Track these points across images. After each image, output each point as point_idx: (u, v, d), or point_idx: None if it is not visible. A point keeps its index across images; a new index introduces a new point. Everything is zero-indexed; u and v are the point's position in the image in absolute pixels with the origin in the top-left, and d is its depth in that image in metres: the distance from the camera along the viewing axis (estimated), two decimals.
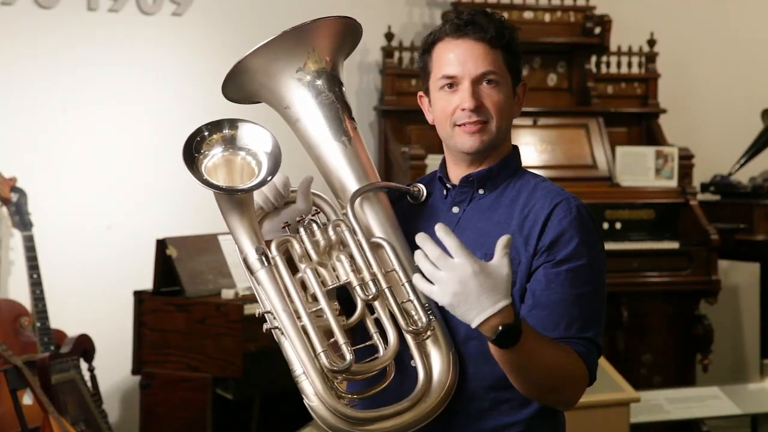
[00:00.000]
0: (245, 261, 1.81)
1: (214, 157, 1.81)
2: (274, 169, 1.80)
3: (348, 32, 1.94)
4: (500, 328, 1.66)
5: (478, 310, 1.65)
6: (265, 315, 1.78)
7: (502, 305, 1.66)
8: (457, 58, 1.89)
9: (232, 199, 1.79)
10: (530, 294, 1.84)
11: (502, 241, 1.68)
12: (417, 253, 1.69)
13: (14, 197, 4.11)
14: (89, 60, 4.71)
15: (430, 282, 1.67)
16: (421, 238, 1.69)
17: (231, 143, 1.83)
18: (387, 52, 5.13)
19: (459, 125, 1.89)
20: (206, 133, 1.82)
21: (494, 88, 1.89)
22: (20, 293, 4.27)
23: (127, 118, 4.78)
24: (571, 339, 1.81)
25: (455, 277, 1.65)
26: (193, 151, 1.80)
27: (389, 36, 5.12)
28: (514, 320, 1.67)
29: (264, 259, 1.78)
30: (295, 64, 1.88)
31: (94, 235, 4.70)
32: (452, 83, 1.89)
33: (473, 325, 1.66)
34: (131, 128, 4.78)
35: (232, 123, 1.84)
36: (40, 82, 4.62)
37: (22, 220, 4.10)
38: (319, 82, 1.90)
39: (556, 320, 1.81)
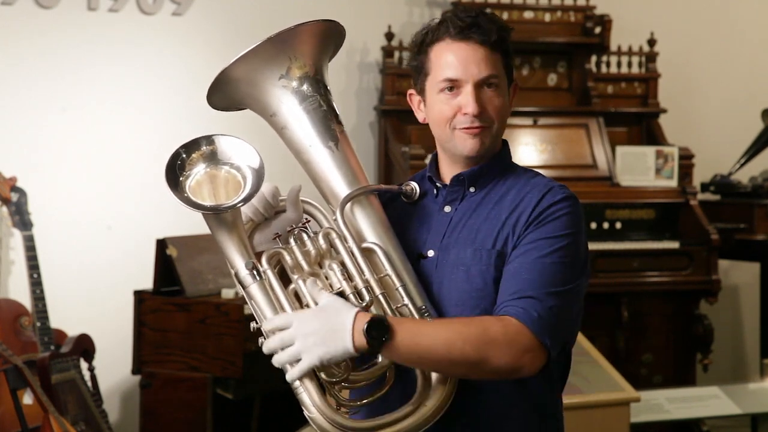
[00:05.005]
0: (236, 276, 1.80)
1: (197, 175, 1.80)
2: (257, 184, 1.78)
3: (329, 35, 1.91)
4: (365, 326, 1.67)
5: (341, 334, 1.68)
6: (261, 329, 1.78)
7: (352, 315, 1.68)
8: (460, 61, 1.87)
9: (219, 216, 1.78)
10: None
11: (310, 285, 1.72)
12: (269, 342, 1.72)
13: (14, 197, 4.11)
14: (89, 60, 4.71)
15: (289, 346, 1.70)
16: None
17: (212, 159, 1.82)
18: (387, 52, 5.13)
19: (458, 128, 1.88)
20: (184, 155, 1.81)
21: (495, 91, 1.89)
22: (20, 293, 4.27)
23: (127, 117, 4.78)
24: (505, 302, 1.77)
25: (298, 327, 1.68)
26: (177, 174, 1.79)
27: (389, 36, 5.12)
28: (373, 317, 1.69)
29: (255, 273, 1.78)
30: (277, 72, 1.86)
31: (94, 235, 4.70)
32: (453, 86, 1.88)
33: (352, 349, 1.68)
34: (131, 128, 4.78)
35: (209, 139, 1.83)
36: (40, 82, 4.62)
37: (22, 219, 4.10)
38: (303, 88, 1.88)
39: (507, 287, 1.79)
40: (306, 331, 1.68)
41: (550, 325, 1.76)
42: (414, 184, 1.96)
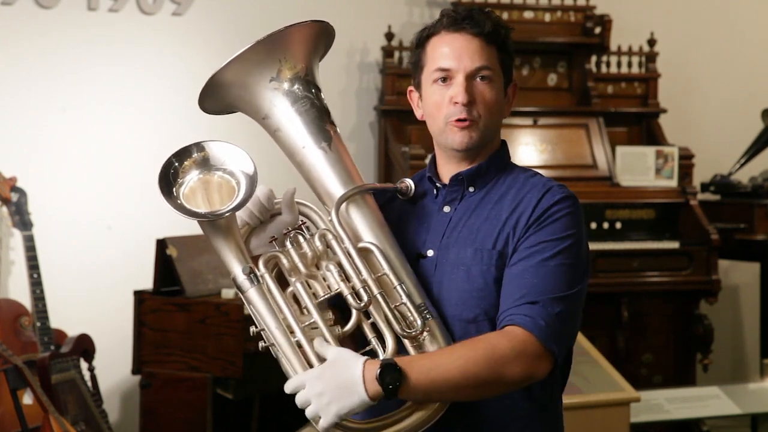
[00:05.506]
0: (234, 281, 1.80)
1: (190, 182, 1.80)
2: (250, 188, 1.78)
3: (319, 36, 1.91)
4: (377, 374, 1.66)
5: (354, 387, 1.67)
6: (261, 333, 1.79)
7: (360, 366, 1.68)
8: (453, 52, 1.88)
9: (214, 222, 1.78)
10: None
11: (318, 343, 1.73)
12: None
13: (14, 197, 4.11)
14: (89, 60, 4.71)
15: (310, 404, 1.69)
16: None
17: (204, 165, 1.82)
18: (387, 52, 5.13)
19: (449, 121, 1.88)
20: (176, 163, 1.81)
21: (487, 84, 1.88)
22: (20, 293, 4.28)
23: (127, 117, 4.78)
24: (510, 310, 1.77)
25: (310, 389, 1.68)
26: (170, 183, 1.79)
27: (389, 36, 5.12)
28: (382, 363, 1.68)
29: (252, 277, 1.78)
30: (267, 74, 1.85)
31: (94, 235, 4.70)
32: (446, 77, 1.89)
33: (368, 399, 1.67)
34: (131, 128, 4.78)
35: (200, 146, 1.83)
36: (40, 82, 4.62)
37: (22, 219, 4.10)
38: (294, 90, 1.87)
39: (511, 292, 1.79)
40: (318, 391, 1.68)
41: (556, 332, 1.76)
42: (409, 181, 1.96)
